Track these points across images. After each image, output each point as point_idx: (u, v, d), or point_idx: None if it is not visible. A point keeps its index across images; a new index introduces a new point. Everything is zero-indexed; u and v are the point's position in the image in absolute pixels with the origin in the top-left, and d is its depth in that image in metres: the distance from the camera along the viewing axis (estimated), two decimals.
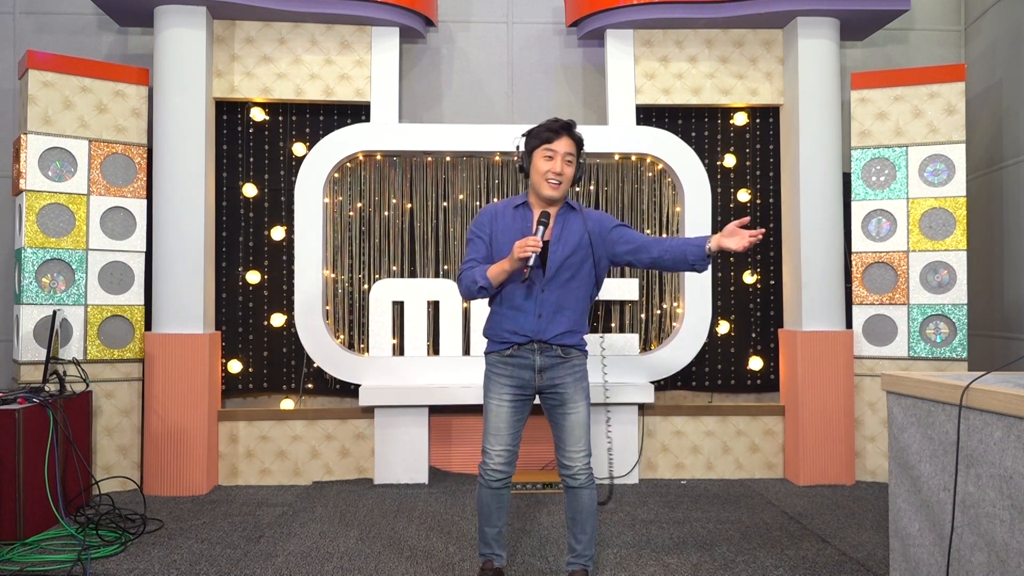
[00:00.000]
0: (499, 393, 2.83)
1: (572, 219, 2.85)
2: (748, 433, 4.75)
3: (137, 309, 4.50)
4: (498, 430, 2.83)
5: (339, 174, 4.77)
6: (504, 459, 2.82)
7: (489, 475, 2.84)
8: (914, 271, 4.59)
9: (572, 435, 2.81)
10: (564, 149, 2.77)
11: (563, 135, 2.78)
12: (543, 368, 2.81)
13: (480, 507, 2.90)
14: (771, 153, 4.95)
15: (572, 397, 2.81)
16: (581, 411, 2.82)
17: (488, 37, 5.08)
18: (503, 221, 2.87)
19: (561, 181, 2.77)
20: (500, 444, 2.82)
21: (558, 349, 2.81)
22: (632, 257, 2.85)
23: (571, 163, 2.80)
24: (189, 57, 4.43)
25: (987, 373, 2.30)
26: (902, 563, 2.47)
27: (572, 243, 2.81)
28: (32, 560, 3.26)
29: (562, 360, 2.82)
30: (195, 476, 4.36)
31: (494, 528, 2.91)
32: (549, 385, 2.83)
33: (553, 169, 2.76)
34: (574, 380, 2.83)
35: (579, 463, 2.80)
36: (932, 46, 5.19)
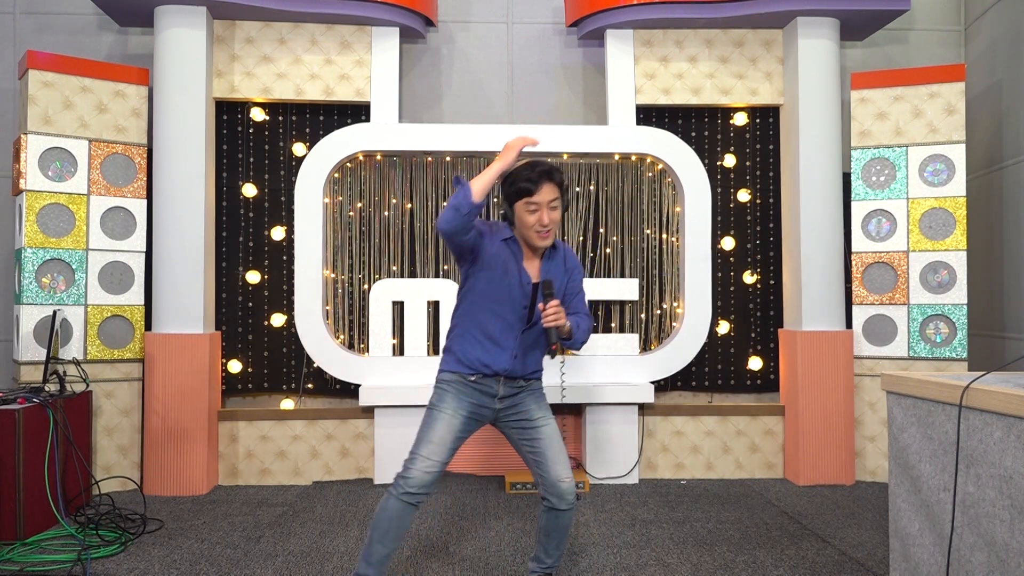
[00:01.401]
0: (456, 407, 2.64)
1: (556, 260, 2.75)
2: (748, 433, 4.76)
3: (137, 309, 4.50)
4: (442, 440, 2.59)
5: (339, 174, 4.77)
6: (436, 472, 2.57)
7: (410, 486, 2.54)
8: (914, 271, 4.59)
9: (551, 448, 2.65)
10: (547, 198, 2.59)
11: (544, 183, 2.58)
12: (504, 396, 2.69)
13: (379, 521, 2.57)
14: (771, 153, 4.95)
15: (538, 414, 2.70)
16: (552, 424, 2.69)
17: (488, 37, 5.08)
18: (493, 246, 2.67)
19: (550, 229, 2.62)
20: (436, 457, 2.57)
21: (521, 380, 2.71)
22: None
23: (556, 207, 2.62)
24: (189, 57, 4.43)
25: (987, 373, 2.30)
26: (902, 563, 2.47)
27: (556, 286, 2.71)
28: (32, 560, 3.26)
29: (522, 388, 2.72)
30: (195, 476, 4.36)
31: (386, 548, 2.58)
32: (509, 409, 2.70)
33: (540, 222, 2.59)
34: (535, 399, 2.73)
35: (567, 479, 2.64)
36: (932, 46, 5.19)
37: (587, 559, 3.29)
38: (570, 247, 2.88)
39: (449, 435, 2.62)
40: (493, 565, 3.22)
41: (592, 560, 3.28)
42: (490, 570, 3.17)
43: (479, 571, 3.16)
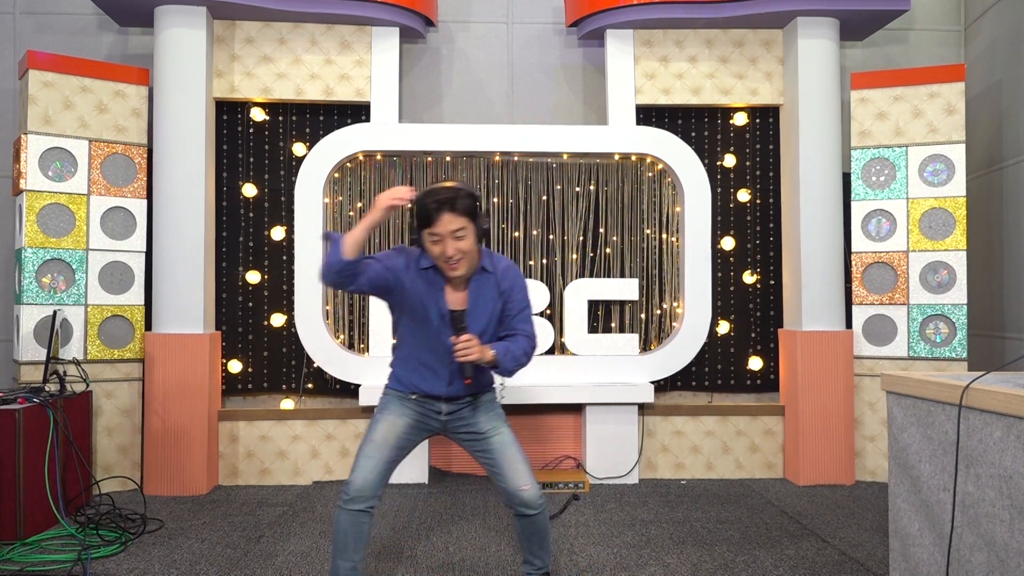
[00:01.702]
0: (400, 411, 2.62)
1: (486, 283, 2.59)
2: (748, 433, 4.76)
3: (137, 309, 4.50)
4: (383, 439, 2.56)
5: (339, 174, 4.77)
6: (378, 472, 2.52)
7: (351, 491, 2.50)
8: (914, 271, 4.59)
9: (509, 459, 2.59)
10: (450, 228, 2.43)
11: (443, 213, 2.43)
12: (449, 412, 2.65)
13: (336, 535, 2.54)
14: (771, 153, 4.95)
15: (488, 426, 2.63)
16: (505, 434, 2.63)
17: (488, 37, 5.08)
18: (410, 279, 2.56)
19: (461, 259, 2.47)
20: (377, 455, 2.53)
21: (467, 397, 2.65)
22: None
23: (463, 236, 2.45)
24: (189, 57, 4.43)
25: (987, 373, 2.30)
26: (902, 563, 2.47)
27: (487, 313, 2.59)
28: (32, 560, 3.26)
29: (469, 403, 2.66)
30: (195, 476, 4.36)
31: (349, 562, 2.54)
32: (457, 422, 2.65)
33: (445, 253, 2.46)
34: (484, 410, 2.66)
35: (529, 487, 2.57)
36: (932, 46, 5.19)
37: (587, 559, 3.29)
38: (510, 263, 2.67)
39: (392, 435, 2.58)
40: (493, 565, 3.22)
41: (592, 560, 3.28)
42: (490, 570, 3.17)
43: (479, 571, 3.16)
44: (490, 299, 2.59)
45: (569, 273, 4.86)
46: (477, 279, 2.59)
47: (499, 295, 2.60)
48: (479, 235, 2.51)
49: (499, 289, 2.60)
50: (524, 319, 2.64)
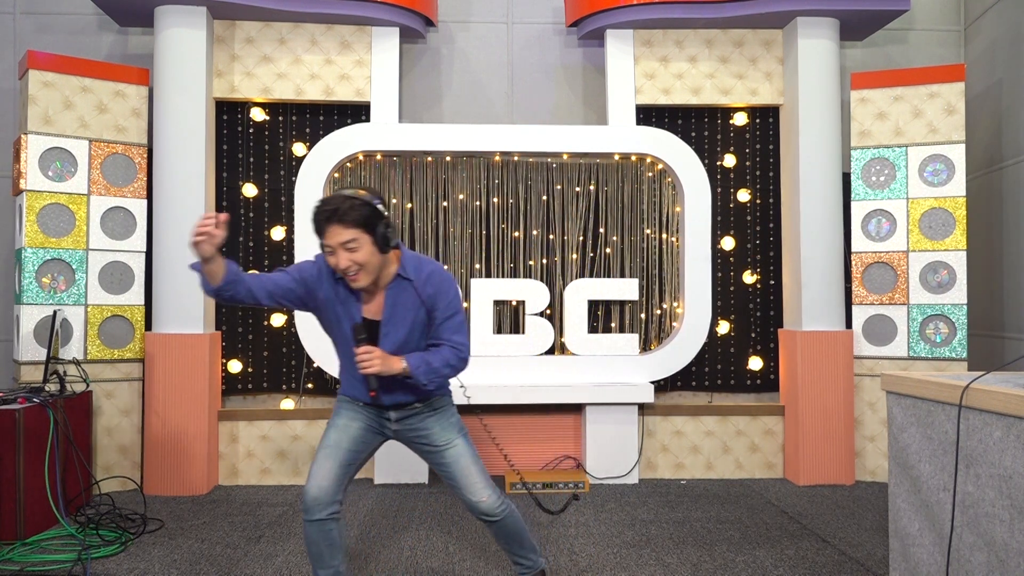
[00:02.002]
0: (351, 416, 2.56)
1: (404, 292, 2.47)
2: (748, 433, 4.76)
3: (137, 309, 4.50)
4: (336, 443, 2.50)
5: (339, 174, 4.77)
6: (333, 476, 2.46)
7: (308, 500, 2.44)
8: (914, 271, 4.59)
9: (463, 472, 2.55)
10: (339, 240, 2.32)
11: (329, 226, 2.33)
12: (398, 419, 2.58)
13: (308, 548, 2.50)
14: (771, 153, 4.95)
15: (442, 439, 2.56)
16: (460, 446, 2.56)
17: (488, 37, 5.08)
18: (324, 289, 2.49)
19: (358, 270, 2.36)
20: (330, 461, 2.48)
21: (415, 403, 2.56)
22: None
23: (355, 248, 2.33)
24: (189, 57, 4.43)
25: (987, 373, 2.30)
26: (902, 563, 2.47)
27: (407, 322, 2.48)
28: (32, 560, 3.26)
29: (419, 409, 2.58)
30: (195, 476, 4.36)
31: (328, 569, 2.50)
32: (410, 430, 2.58)
33: (338, 266, 2.36)
34: (437, 419, 2.58)
35: (483, 499, 2.54)
36: (932, 46, 5.19)
37: (587, 559, 3.29)
38: (436, 268, 2.53)
39: (344, 439, 2.52)
40: (493, 565, 3.22)
41: (592, 560, 3.28)
42: (489, 570, 3.17)
43: (479, 571, 3.16)
44: (410, 308, 2.47)
45: (569, 273, 4.86)
46: (394, 287, 2.48)
47: (420, 303, 2.47)
48: (380, 245, 2.37)
49: (420, 297, 2.47)
50: (451, 328, 2.50)
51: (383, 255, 2.40)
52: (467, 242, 4.85)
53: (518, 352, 4.69)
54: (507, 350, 4.68)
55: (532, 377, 4.64)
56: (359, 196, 2.36)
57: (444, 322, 2.50)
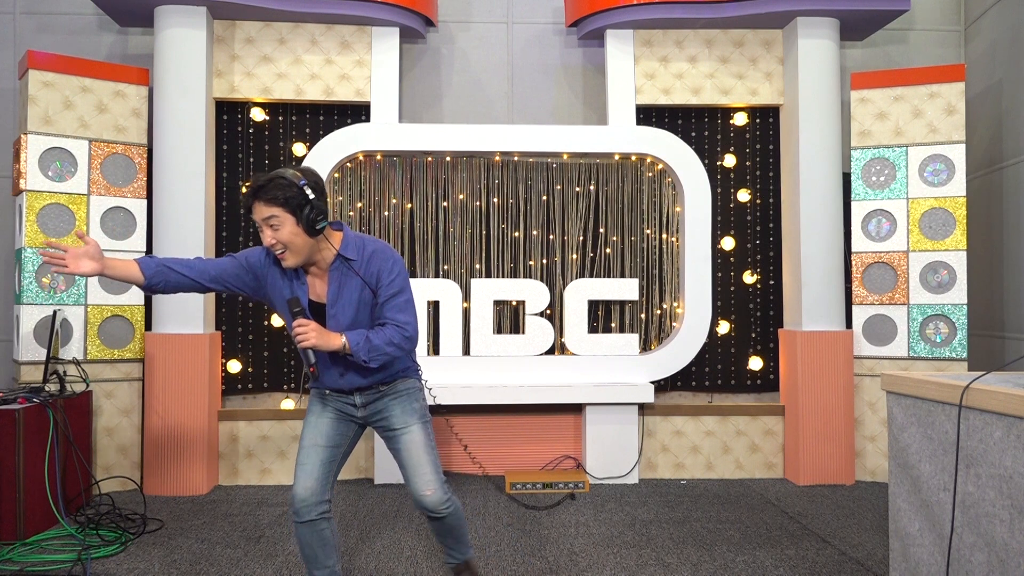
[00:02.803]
0: (321, 410, 2.58)
1: (347, 273, 2.48)
2: (748, 433, 4.76)
3: (137, 309, 4.50)
4: (313, 442, 2.51)
5: (339, 174, 4.77)
6: (317, 476, 2.48)
7: (298, 501, 2.45)
8: (914, 271, 4.59)
9: (411, 459, 2.51)
10: (261, 216, 2.36)
11: (254, 202, 2.37)
12: (364, 403, 2.57)
13: (301, 550, 2.51)
14: (771, 153, 4.95)
15: (400, 422, 2.54)
16: (415, 432, 2.53)
17: (488, 37, 5.08)
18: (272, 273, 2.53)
19: (284, 249, 2.38)
20: (311, 460, 2.49)
21: (379, 386, 2.56)
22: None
23: (277, 226, 2.35)
24: (189, 57, 4.43)
25: (987, 373, 2.30)
26: (902, 563, 2.47)
27: (351, 302, 2.47)
28: (32, 560, 3.26)
29: (384, 392, 2.57)
30: (195, 476, 4.36)
31: (323, 569, 2.53)
32: (375, 414, 2.58)
33: (266, 242, 2.39)
34: (398, 404, 2.57)
35: (427, 491, 2.49)
36: (932, 46, 5.19)
37: (587, 559, 3.29)
38: (381, 247, 2.52)
39: (319, 435, 2.53)
40: (493, 565, 3.22)
41: (592, 560, 3.28)
42: (490, 570, 3.17)
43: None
44: (354, 288, 2.47)
45: (569, 273, 4.86)
46: (337, 268, 2.48)
47: (364, 283, 2.47)
48: (305, 227, 2.36)
49: (363, 275, 2.46)
50: (395, 307, 2.47)
51: (311, 237, 2.39)
52: (467, 242, 4.85)
53: (518, 352, 4.69)
54: (507, 350, 4.68)
55: (532, 377, 4.64)
56: (286, 176, 2.37)
57: (388, 300, 2.47)
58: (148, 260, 2.46)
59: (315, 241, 2.42)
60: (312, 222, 2.37)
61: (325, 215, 2.40)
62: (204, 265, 2.51)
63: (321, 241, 2.44)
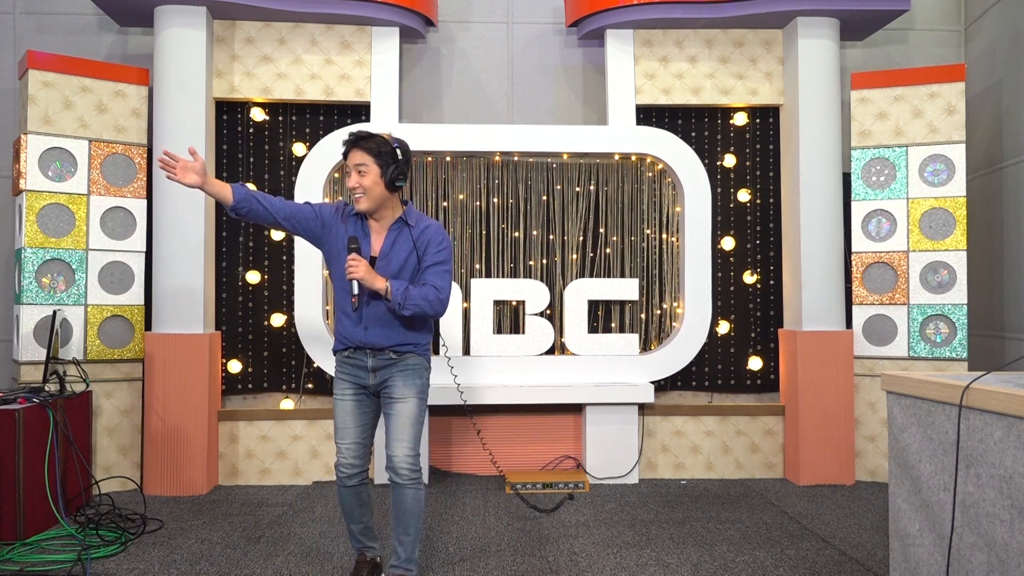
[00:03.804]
0: (341, 390, 2.91)
1: (404, 234, 2.84)
2: (748, 433, 4.76)
3: (137, 309, 4.50)
4: (344, 424, 2.89)
5: (339, 174, 4.77)
6: (354, 453, 2.87)
7: (342, 471, 2.87)
8: (914, 271, 4.59)
9: (396, 424, 2.81)
10: (354, 161, 2.77)
11: (352, 149, 2.78)
12: (375, 368, 2.85)
13: (341, 507, 2.94)
14: (771, 153, 4.95)
15: (400, 392, 2.82)
16: (409, 404, 2.82)
17: (488, 37, 5.08)
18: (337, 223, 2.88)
19: (363, 194, 2.75)
20: (347, 439, 2.88)
21: (390, 353, 2.84)
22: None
23: (365, 171, 2.74)
24: (189, 57, 4.43)
25: (987, 373, 2.30)
26: (902, 563, 2.47)
27: (399, 260, 2.82)
28: (32, 560, 3.26)
29: (394, 361, 2.85)
30: (195, 476, 4.36)
31: (359, 524, 2.96)
32: (383, 383, 2.86)
33: (349, 184, 2.79)
34: (403, 376, 2.84)
35: (400, 454, 2.79)
36: (932, 46, 5.19)
37: (587, 559, 3.29)
38: (437, 226, 2.89)
39: (348, 416, 2.89)
40: (493, 565, 3.22)
41: (592, 560, 3.28)
42: (489, 570, 3.17)
43: (479, 571, 3.16)
44: (404, 249, 2.83)
45: (569, 273, 4.86)
46: (395, 228, 2.85)
47: (414, 247, 2.82)
48: (387, 179, 2.75)
49: (415, 242, 2.82)
50: (436, 273, 2.82)
51: (388, 191, 2.78)
52: (467, 242, 4.85)
53: (518, 352, 4.68)
54: (507, 350, 4.68)
55: (532, 377, 4.64)
56: (387, 136, 2.81)
57: (430, 267, 2.83)
58: (240, 187, 2.82)
59: (388, 196, 2.80)
60: (393, 178, 2.76)
61: (405, 176, 2.80)
62: (283, 204, 2.86)
63: (392, 199, 2.83)
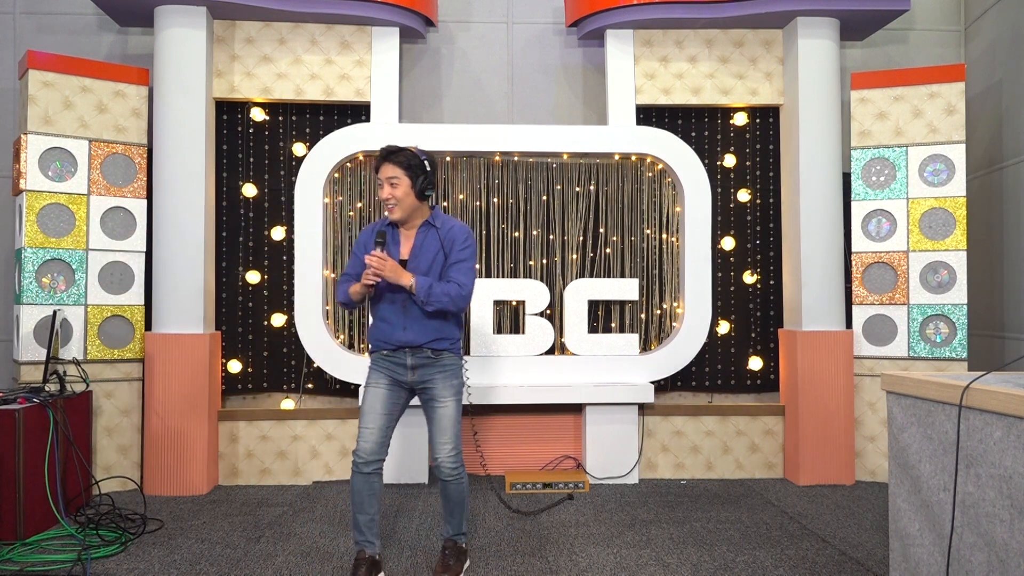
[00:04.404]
0: (375, 380, 3.05)
1: (431, 236, 3.04)
2: (748, 433, 4.76)
3: (137, 309, 4.50)
4: (372, 408, 3.00)
5: (339, 174, 4.77)
6: (376, 438, 2.97)
7: (360, 457, 2.97)
8: (914, 271, 4.59)
9: (439, 427, 3.01)
10: (386, 174, 2.97)
11: (382, 163, 2.98)
12: (414, 366, 3.02)
13: (352, 494, 3.02)
14: (771, 153, 4.95)
15: (440, 393, 3.02)
16: (450, 406, 3.02)
17: (488, 37, 5.08)
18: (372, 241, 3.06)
19: (396, 204, 2.97)
20: (372, 423, 2.98)
21: (428, 351, 3.01)
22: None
23: (397, 183, 2.96)
24: (189, 57, 4.43)
25: (987, 373, 2.30)
26: (902, 563, 2.47)
27: (427, 260, 3.01)
28: (32, 560, 3.26)
29: (432, 360, 3.02)
30: (195, 476, 4.36)
31: (366, 515, 3.02)
32: (420, 382, 3.03)
33: (382, 196, 2.99)
34: (443, 378, 3.03)
35: (442, 455, 3.00)
36: (932, 46, 5.19)
37: (587, 559, 3.29)
38: (462, 226, 3.09)
39: (378, 402, 3.01)
40: (493, 565, 3.22)
41: (592, 560, 3.28)
42: (489, 570, 3.17)
43: (479, 571, 3.16)
44: (432, 250, 3.02)
45: (569, 273, 4.86)
46: (422, 231, 3.06)
47: (440, 248, 3.02)
48: (417, 189, 2.97)
49: (442, 243, 3.02)
50: (460, 270, 3.01)
51: (417, 201, 3.00)
52: None
53: (518, 352, 4.69)
54: (507, 350, 4.68)
55: (532, 377, 4.64)
56: (413, 150, 3.01)
57: (456, 264, 3.01)
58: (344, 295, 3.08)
59: (419, 205, 3.02)
60: (423, 188, 2.99)
61: (433, 186, 3.03)
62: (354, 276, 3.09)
63: (422, 207, 3.05)
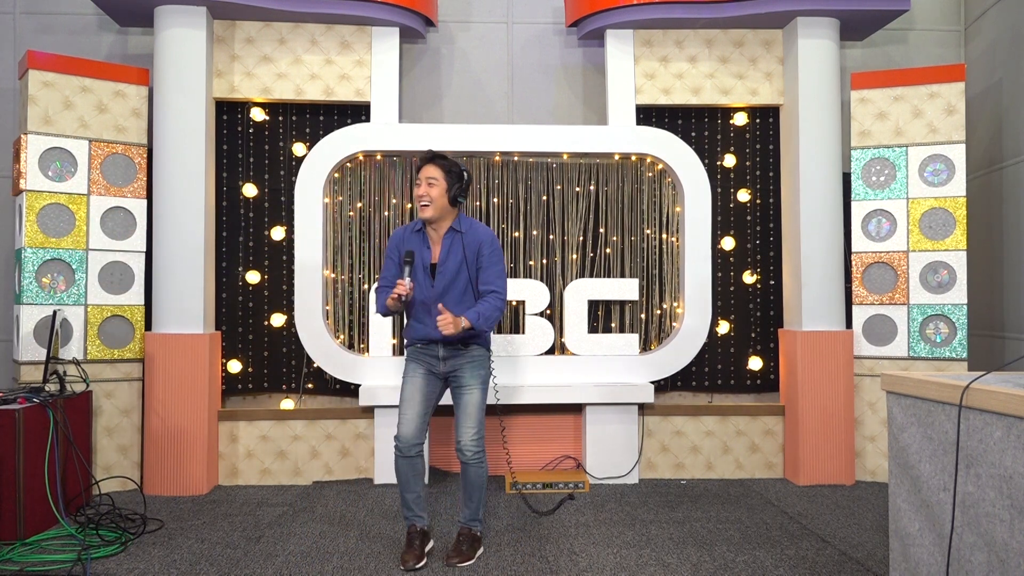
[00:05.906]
0: (412, 370, 3.28)
1: (456, 241, 3.24)
2: (748, 433, 4.76)
3: (137, 309, 4.50)
4: (411, 397, 3.24)
5: (339, 174, 4.77)
6: (415, 424, 3.21)
7: (401, 442, 3.21)
8: (914, 271, 4.59)
9: (464, 412, 3.23)
10: (427, 174, 3.20)
11: (424, 165, 3.22)
12: (446, 358, 3.26)
13: (397, 476, 3.26)
14: (771, 153, 4.95)
15: (468, 381, 3.25)
16: (475, 393, 3.24)
17: (488, 37, 5.08)
18: (404, 245, 3.30)
19: (429, 203, 3.18)
20: (411, 411, 3.22)
21: (459, 344, 3.24)
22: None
23: (435, 184, 3.18)
24: (189, 57, 4.43)
25: (987, 373, 2.30)
26: (902, 563, 2.47)
27: (455, 265, 3.23)
28: (32, 560, 3.26)
29: (462, 352, 3.26)
30: (195, 476, 4.36)
31: (413, 493, 3.26)
32: (451, 371, 3.27)
33: (418, 193, 3.20)
34: (471, 367, 3.26)
35: (465, 438, 3.21)
36: (932, 46, 5.19)
37: (587, 559, 3.29)
38: (486, 230, 3.31)
39: (415, 391, 3.25)
40: (493, 565, 3.22)
41: (592, 560, 3.28)
42: (489, 570, 3.17)
43: (479, 571, 3.16)
44: (458, 254, 3.23)
45: (569, 273, 4.86)
46: (449, 236, 3.26)
47: (464, 251, 3.22)
48: (451, 194, 3.20)
49: (465, 247, 3.22)
50: (495, 273, 3.25)
51: (449, 205, 3.21)
52: None
53: (518, 352, 4.69)
54: (507, 350, 4.68)
55: (532, 377, 4.64)
56: (456, 160, 3.27)
57: (488, 267, 3.24)
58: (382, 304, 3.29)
59: (449, 210, 3.23)
60: (456, 195, 3.21)
61: (465, 195, 3.25)
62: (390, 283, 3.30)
63: (451, 212, 3.25)
